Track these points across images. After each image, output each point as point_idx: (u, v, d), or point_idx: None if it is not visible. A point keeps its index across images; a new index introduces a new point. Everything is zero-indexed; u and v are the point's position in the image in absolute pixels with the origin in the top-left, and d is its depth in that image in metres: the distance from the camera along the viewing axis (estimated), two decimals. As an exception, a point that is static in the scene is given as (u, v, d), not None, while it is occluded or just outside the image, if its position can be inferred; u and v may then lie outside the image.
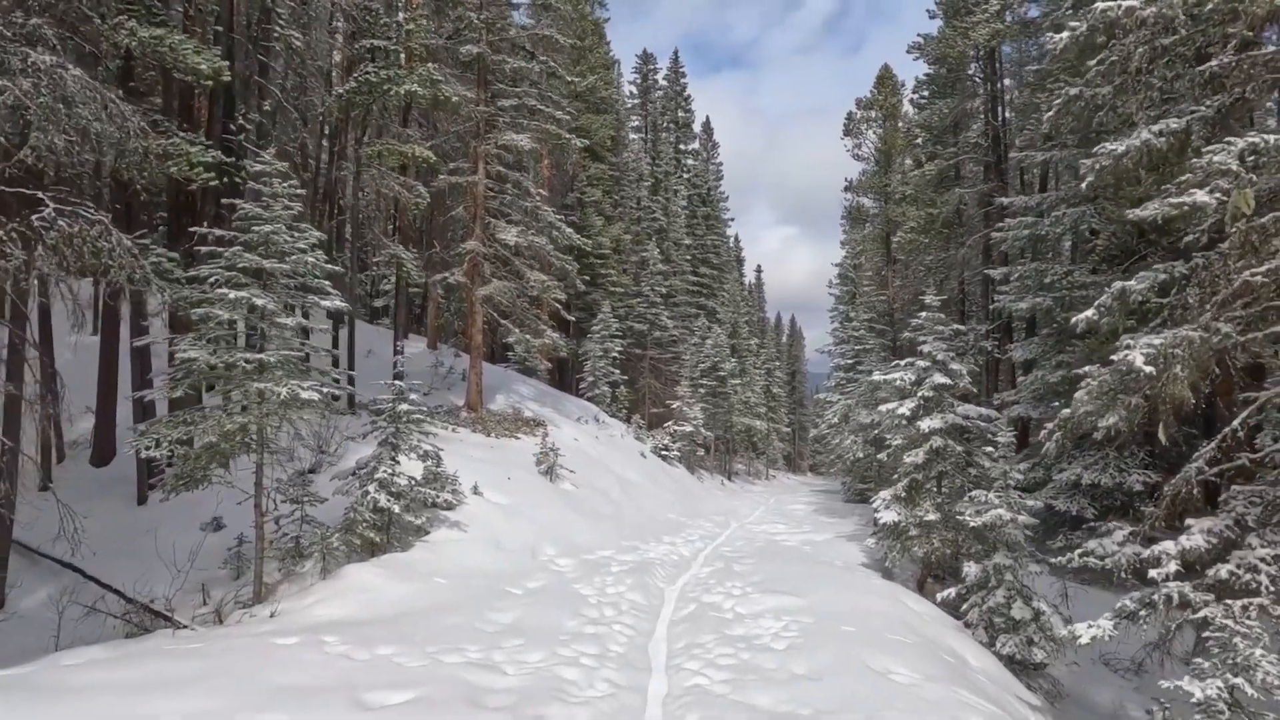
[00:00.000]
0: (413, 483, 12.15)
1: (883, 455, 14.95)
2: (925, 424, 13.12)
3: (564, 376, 36.91)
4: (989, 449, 12.41)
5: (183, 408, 11.20)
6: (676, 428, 32.01)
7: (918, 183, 29.38)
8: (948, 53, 26.51)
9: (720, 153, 63.84)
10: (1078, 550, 9.49)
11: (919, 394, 13.49)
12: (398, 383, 12.42)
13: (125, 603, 10.12)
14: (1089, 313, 8.76)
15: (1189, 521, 7.94)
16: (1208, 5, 8.81)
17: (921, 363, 13.67)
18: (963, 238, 28.95)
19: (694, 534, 18.01)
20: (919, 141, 32.26)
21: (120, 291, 9.80)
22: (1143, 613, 7.84)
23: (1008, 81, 28.38)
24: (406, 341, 27.51)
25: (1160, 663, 9.46)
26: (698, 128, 61.40)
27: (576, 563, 12.90)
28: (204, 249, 9.72)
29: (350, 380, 19.00)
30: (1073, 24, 10.87)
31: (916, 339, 14.12)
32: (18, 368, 10.27)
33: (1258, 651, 6.07)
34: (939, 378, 13.35)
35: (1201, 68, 8.98)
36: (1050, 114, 12.83)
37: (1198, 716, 6.30)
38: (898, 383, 13.85)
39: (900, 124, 41.16)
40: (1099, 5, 9.79)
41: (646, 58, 57.75)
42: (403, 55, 20.04)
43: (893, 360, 23.88)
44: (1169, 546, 7.66)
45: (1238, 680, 6.03)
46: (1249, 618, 6.59)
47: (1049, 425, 9.52)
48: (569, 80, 23.75)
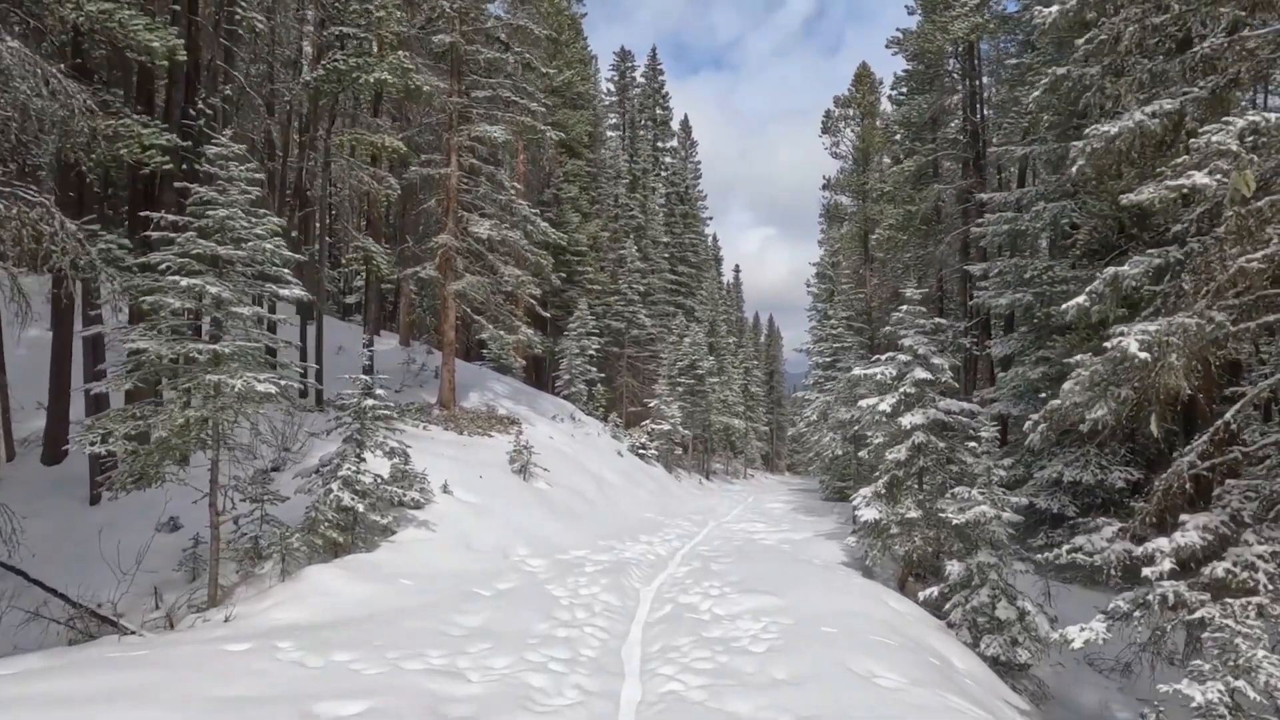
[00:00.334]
0: (379, 481, 11.71)
1: (864, 453, 14.65)
2: (907, 420, 12.83)
3: (540, 374, 36.46)
4: (972, 444, 12.15)
5: (139, 402, 10.66)
6: (654, 426, 31.66)
7: (896, 179, 29.19)
8: (926, 48, 26.35)
9: (699, 152, 63.71)
10: (1065, 547, 9.21)
11: (900, 389, 13.20)
12: (363, 377, 11.97)
13: (70, 608, 9.56)
14: (1080, 299, 8.48)
15: (1183, 518, 7.67)
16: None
17: (903, 357, 13.38)
18: (941, 234, 28.81)
19: (671, 533, 17.65)
20: (897, 138, 32.09)
21: (64, 279, 9.25)
22: (1136, 613, 7.56)
23: (985, 79, 28.31)
24: (379, 338, 27.06)
25: (1150, 664, 9.19)
26: (676, 126, 61.09)
27: (549, 563, 12.50)
28: (155, 235, 9.24)
29: (319, 376, 18.49)
30: (1063, -2, 10.57)
31: (897, 333, 13.83)
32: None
33: (1260, 653, 5.79)
34: (920, 372, 13.06)
35: (1194, 50, 8.76)
36: (1037, 94, 12.58)
37: (1195, 721, 6.04)
38: (878, 377, 13.56)
39: (878, 122, 41.04)
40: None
41: (624, 55, 57.27)
42: (374, 44, 19.53)
43: (871, 358, 23.66)
44: (1163, 543, 7.39)
45: (1239, 683, 5.75)
46: (1248, 617, 6.32)
47: (1034, 417, 9.24)
48: (544, 72, 23.28)
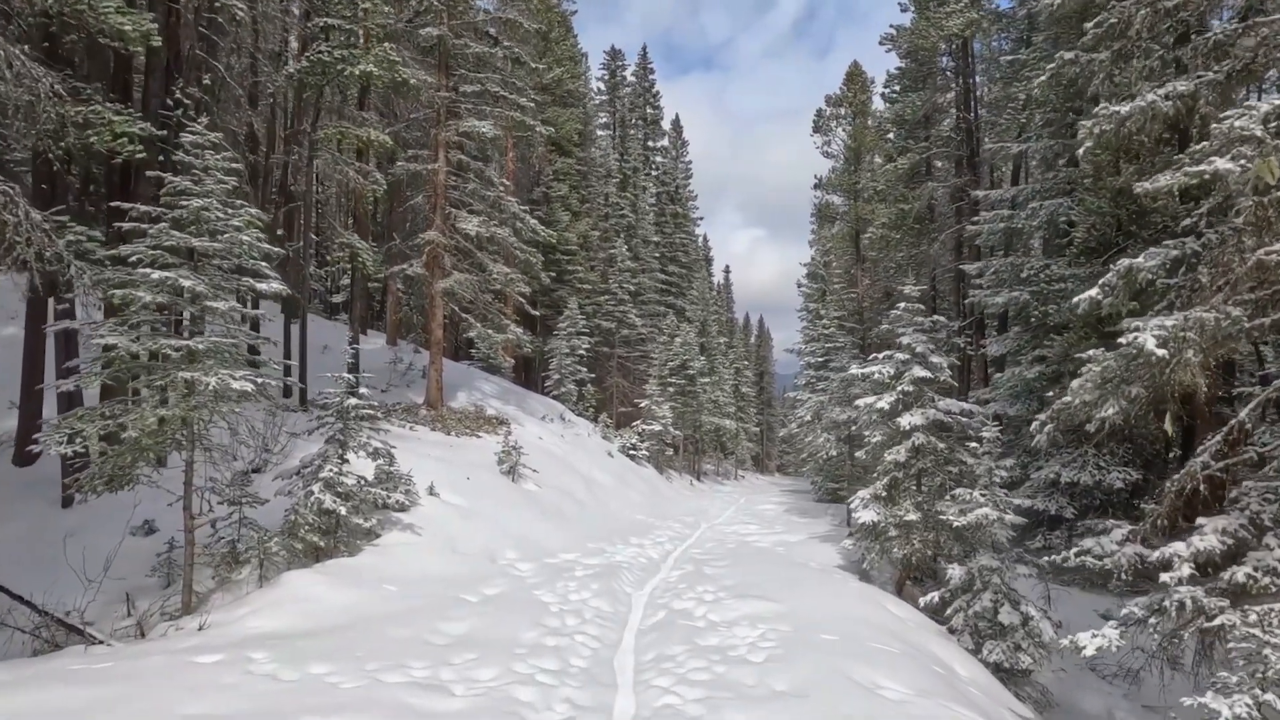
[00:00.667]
0: (362, 483, 11.34)
1: (861, 453, 14.34)
2: (905, 420, 12.53)
3: (529, 374, 36.08)
4: (973, 445, 11.85)
5: (109, 400, 10.25)
6: (645, 426, 31.32)
7: (889, 177, 28.95)
8: (920, 44, 26.10)
9: (690, 152, 63.37)
10: (1074, 550, 8.90)
11: (898, 388, 12.90)
12: (346, 375, 11.59)
13: (37, 615, 9.15)
14: (1093, 292, 8.17)
15: (1200, 520, 7.38)
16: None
17: (900, 355, 13.09)
18: (934, 233, 28.58)
19: (663, 535, 17.30)
20: (890, 136, 31.89)
21: (29, 271, 8.84)
22: (1151, 619, 7.27)
23: (978, 78, 28.11)
24: (365, 338, 26.64)
25: (1158, 670, 8.91)
26: (667, 125, 60.79)
27: (538, 567, 12.13)
28: (126, 226, 8.85)
29: (303, 375, 18.09)
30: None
31: (895, 330, 13.54)
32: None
33: (1289, 664, 5.49)
34: (919, 371, 12.77)
35: (1206, 35, 8.48)
36: (1042, 79, 12.25)
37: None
38: (876, 376, 13.25)
39: (870, 121, 40.82)
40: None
41: (615, 54, 56.92)
42: (360, 36, 19.13)
43: (867, 357, 23.40)
44: (1180, 548, 7.08)
45: (1268, 696, 5.46)
46: (1272, 625, 6.02)
47: (1040, 417, 8.93)
48: (534, 67, 22.95)
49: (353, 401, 11.41)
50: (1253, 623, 6.07)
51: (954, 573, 10.78)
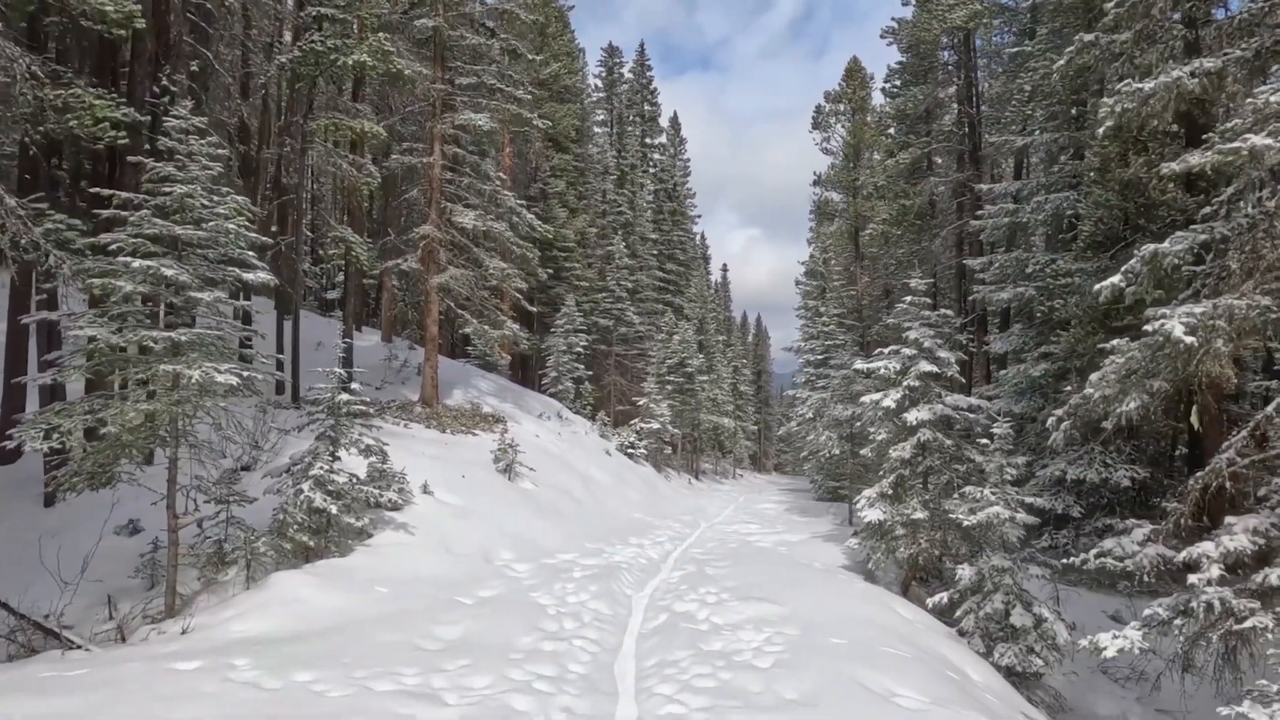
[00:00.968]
0: (354, 480, 11.00)
1: (866, 450, 14.02)
2: (912, 416, 12.21)
3: (526, 372, 35.72)
4: (984, 441, 11.52)
5: (89, 395, 9.89)
6: (643, 425, 30.99)
7: (891, 172, 28.64)
8: (922, 37, 25.79)
9: (688, 149, 62.96)
10: (1094, 551, 8.58)
11: (904, 383, 12.58)
12: (337, 370, 11.25)
13: (14, 619, 8.80)
14: (1115, 279, 7.84)
15: (1229, 520, 7.06)
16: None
17: (907, 350, 12.76)
18: (935, 230, 28.27)
19: (662, 535, 16.97)
20: (890, 132, 31.59)
21: (3, 260, 8.49)
22: (1177, 621, 6.95)
23: (979, 74, 27.80)
24: (360, 335, 26.27)
25: (1171, 674, 8.59)
26: (665, 122, 60.38)
27: (535, 568, 11.79)
28: (106, 213, 8.51)
29: (295, 372, 17.74)
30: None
31: (901, 325, 13.22)
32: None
33: (1332, 671, 5.19)
34: (926, 366, 12.45)
35: (1230, 15, 8.18)
36: (1060, 63, 11.90)
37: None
38: (881, 371, 12.92)
39: (869, 117, 40.54)
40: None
41: (612, 51, 56.48)
42: (355, 26, 18.79)
43: (863, 355, 23.12)
44: (1209, 548, 6.77)
45: (1312, 706, 5.16)
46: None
47: (1057, 413, 8.61)
48: (531, 59, 22.55)
49: (344, 397, 11.08)
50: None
51: (964, 573, 10.45)
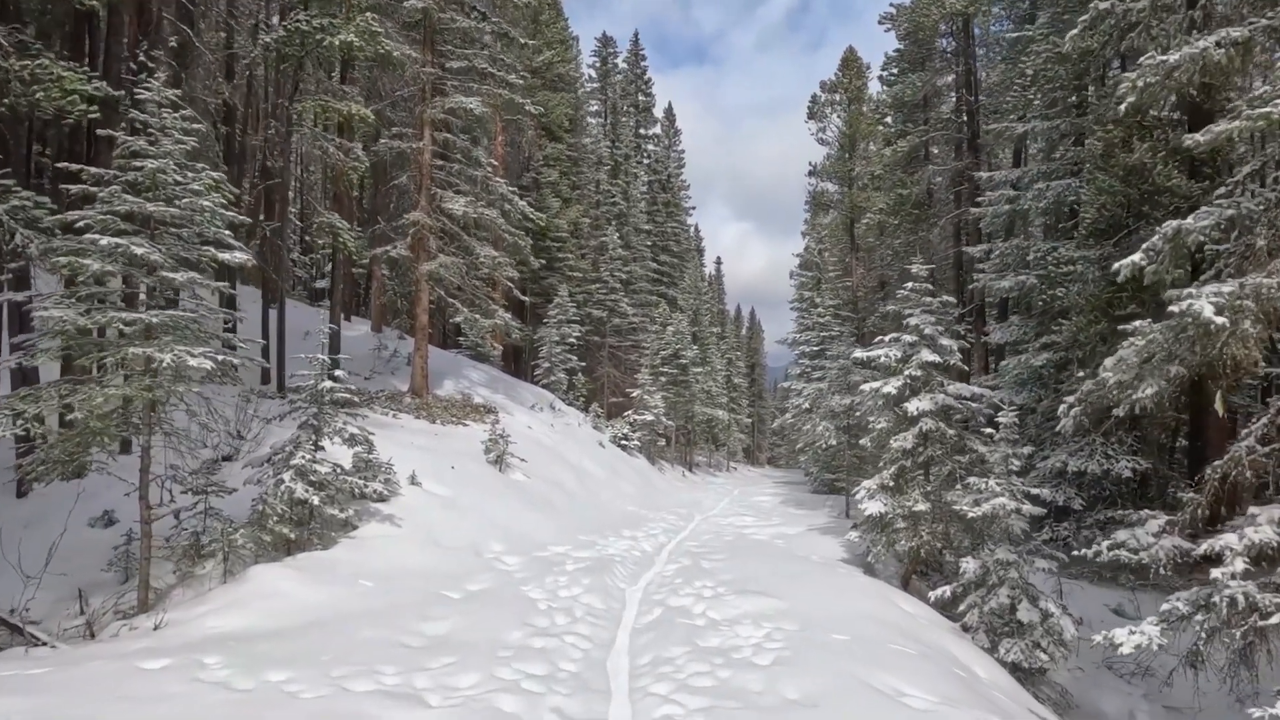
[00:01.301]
0: (338, 471, 10.61)
1: (865, 440, 13.69)
2: (914, 405, 11.89)
3: (519, 363, 35.33)
4: (989, 431, 11.20)
5: (57, 380, 9.48)
6: (637, 416, 30.64)
7: (888, 161, 28.32)
8: (921, 23, 25.41)
9: (682, 141, 62.46)
10: (1106, 543, 8.24)
11: (906, 372, 12.26)
12: (321, 357, 10.86)
13: (-21, 614, 8.42)
14: (1136, 257, 7.49)
15: (1252, 510, 6.75)
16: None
17: (908, 338, 12.43)
18: (933, 219, 27.95)
19: (656, 527, 16.63)
20: (887, 120, 31.26)
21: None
22: (1198, 616, 6.64)
23: (978, 62, 27.46)
24: (350, 324, 25.85)
25: (1184, 671, 8.29)
26: (659, 113, 59.91)
27: (526, 561, 11.43)
28: (74, 189, 8.09)
29: (281, 360, 17.33)
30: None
31: (901, 311, 12.88)
32: None
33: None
34: (927, 354, 12.13)
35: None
36: (1074, 33, 11.52)
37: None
38: (882, 360, 12.59)
39: (865, 107, 40.15)
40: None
41: (606, 41, 55.89)
42: (343, 7, 18.30)
43: (856, 348, 22.80)
44: (1232, 540, 6.46)
45: (1352, 708, 4.86)
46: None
47: (1069, 399, 8.28)
48: (524, 43, 22.12)
49: (328, 384, 10.68)
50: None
51: (968, 566, 10.14)
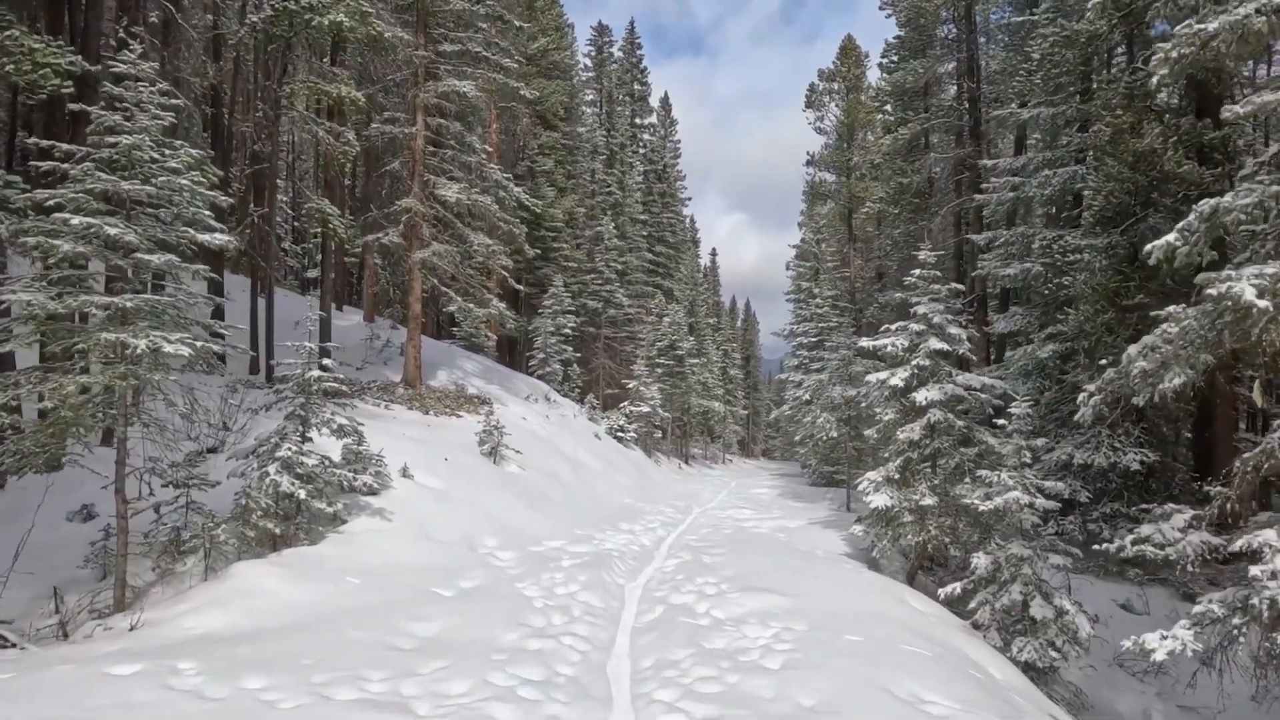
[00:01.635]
0: (326, 463, 10.21)
1: (870, 431, 13.32)
2: (921, 395, 11.53)
3: (513, 354, 34.92)
4: (1000, 422, 10.85)
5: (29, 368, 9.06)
6: (633, 408, 30.27)
7: (888, 149, 27.90)
8: (923, 8, 24.98)
9: (678, 131, 61.90)
10: (1130, 539, 7.90)
11: (913, 361, 11.89)
12: (308, 345, 10.45)
13: (-56, 614, 8.01)
14: (1170, 237, 7.11)
15: (1292, 504, 6.43)
16: None
17: (915, 326, 12.07)
18: (934, 208, 27.56)
19: (654, 521, 16.28)
20: (887, 108, 30.81)
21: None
22: (1235, 619, 6.30)
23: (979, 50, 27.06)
24: (342, 314, 25.40)
25: (1209, 671, 7.96)
26: (655, 103, 59.33)
27: (521, 556, 11.06)
28: (45, 166, 7.68)
29: (269, 349, 16.90)
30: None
31: (908, 299, 12.52)
32: None
33: None
34: (935, 343, 11.76)
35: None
36: (1095, 2, 11.11)
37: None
38: (889, 349, 12.22)
39: (864, 97, 39.71)
40: None
41: (601, 30, 55.26)
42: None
43: (857, 339, 22.46)
44: (1271, 536, 6.12)
45: None
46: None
47: (1089, 388, 7.93)
48: (519, 26, 21.67)
49: (315, 374, 10.28)
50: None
51: (979, 562, 9.80)
